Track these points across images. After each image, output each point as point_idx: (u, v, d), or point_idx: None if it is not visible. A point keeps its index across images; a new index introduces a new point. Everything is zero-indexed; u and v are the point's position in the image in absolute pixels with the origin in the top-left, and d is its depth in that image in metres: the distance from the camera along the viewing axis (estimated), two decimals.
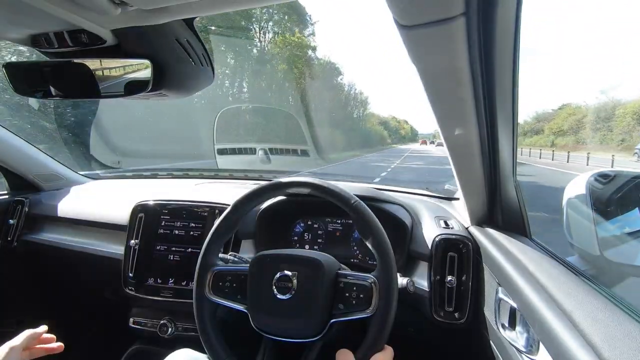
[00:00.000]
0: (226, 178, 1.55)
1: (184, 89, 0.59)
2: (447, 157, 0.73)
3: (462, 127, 0.60)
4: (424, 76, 0.49)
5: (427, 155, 25.42)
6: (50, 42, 0.50)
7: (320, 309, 0.66)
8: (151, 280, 1.07)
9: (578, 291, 0.51)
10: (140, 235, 1.09)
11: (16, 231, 1.30)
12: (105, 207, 1.24)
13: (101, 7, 0.41)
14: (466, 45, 0.42)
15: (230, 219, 0.77)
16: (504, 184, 0.74)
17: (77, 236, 1.25)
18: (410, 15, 0.37)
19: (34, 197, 1.37)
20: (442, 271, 0.85)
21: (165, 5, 0.43)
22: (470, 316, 0.82)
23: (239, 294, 0.72)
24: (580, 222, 0.77)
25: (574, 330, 0.43)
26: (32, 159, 1.37)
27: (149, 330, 1.12)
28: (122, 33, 0.49)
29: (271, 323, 0.68)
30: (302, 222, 1.13)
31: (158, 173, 1.68)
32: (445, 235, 0.88)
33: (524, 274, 0.61)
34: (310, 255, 0.70)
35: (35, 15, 0.44)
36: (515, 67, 0.51)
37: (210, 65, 0.60)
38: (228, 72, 16.18)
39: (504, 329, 0.65)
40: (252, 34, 22.63)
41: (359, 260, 1.06)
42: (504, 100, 0.56)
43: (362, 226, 0.70)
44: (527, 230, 0.79)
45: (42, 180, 1.42)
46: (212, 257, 0.76)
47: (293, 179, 0.76)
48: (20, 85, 0.57)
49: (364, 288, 0.66)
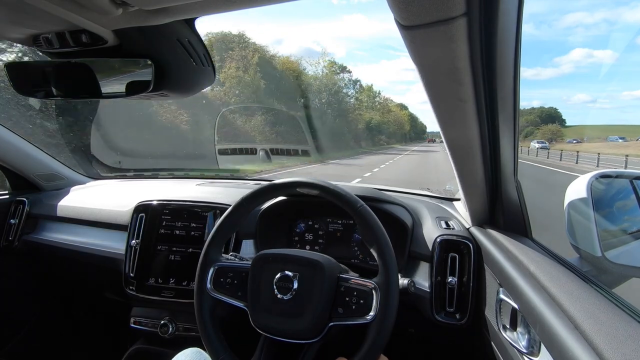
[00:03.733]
0: (227, 178, 1.55)
1: (186, 89, 0.59)
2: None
3: (463, 127, 0.60)
4: (425, 76, 0.48)
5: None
6: (51, 42, 0.50)
7: (320, 312, 0.66)
8: (152, 280, 1.07)
9: (579, 292, 0.51)
10: (141, 235, 1.09)
11: (17, 231, 1.31)
12: (107, 207, 1.24)
13: (102, 8, 0.41)
14: (467, 46, 0.42)
15: (235, 215, 0.77)
16: (505, 184, 0.74)
17: (78, 236, 1.25)
18: (411, 15, 0.37)
19: (35, 197, 1.37)
20: (443, 272, 0.85)
21: (167, 6, 0.43)
22: (471, 317, 0.82)
23: (239, 291, 0.72)
24: (581, 223, 0.77)
25: (575, 332, 0.43)
26: (33, 159, 1.37)
27: (150, 330, 1.12)
28: (123, 33, 0.49)
29: (270, 322, 0.68)
30: (302, 223, 1.13)
31: (159, 173, 1.68)
32: (446, 235, 0.88)
33: (525, 275, 0.61)
34: (312, 257, 0.70)
35: (37, 15, 0.44)
36: (516, 68, 0.51)
37: (211, 65, 0.60)
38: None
39: (505, 330, 0.65)
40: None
41: (360, 261, 1.06)
42: (505, 100, 0.56)
43: (367, 232, 0.70)
44: (528, 231, 0.79)
45: (43, 180, 1.42)
46: (215, 253, 0.76)
47: (301, 179, 0.76)
48: (21, 85, 0.57)
49: (365, 293, 0.66)
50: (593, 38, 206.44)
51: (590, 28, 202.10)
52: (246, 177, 1.55)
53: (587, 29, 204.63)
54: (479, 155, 0.68)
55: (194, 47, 0.55)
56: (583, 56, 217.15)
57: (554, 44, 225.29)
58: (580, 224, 0.77)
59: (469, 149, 0.66)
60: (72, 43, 0.50)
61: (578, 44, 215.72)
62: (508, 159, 0.69)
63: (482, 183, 0.76)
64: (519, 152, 0.71)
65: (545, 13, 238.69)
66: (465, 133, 0.61)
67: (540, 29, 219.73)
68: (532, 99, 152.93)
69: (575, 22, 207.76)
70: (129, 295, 1.08)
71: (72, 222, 1.28)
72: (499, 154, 0.67)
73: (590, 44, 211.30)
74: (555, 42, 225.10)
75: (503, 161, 0.69)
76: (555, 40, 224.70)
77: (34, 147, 1.37)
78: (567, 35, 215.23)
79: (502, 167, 0.71)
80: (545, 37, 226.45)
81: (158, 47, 0.52)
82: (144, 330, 1.13)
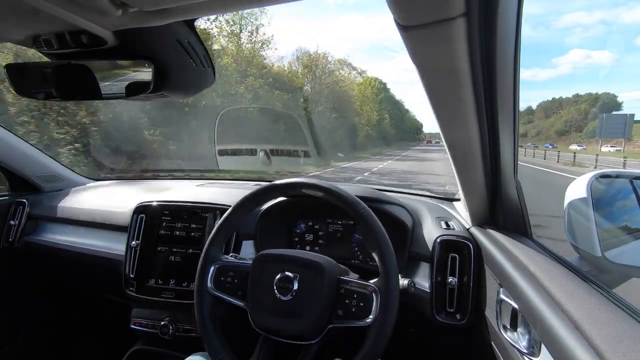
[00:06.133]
0: (227, 179, 1.55)
1: (185, 90, 0.59)
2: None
3: (462, 127, 0.60)
4: (425, 76, 0.48)
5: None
6: (51, 44, 0.50)
7: (319, 313, 0.66)
8: (152, 281, 1.07)
9: (580, 292, 0.51)
10: (141, 236, 1.09)
11: (17, 232, 1.31)
12: (107, 208, 1.24)
13: (102, 8, 0.41)
14: (467, 46, 0.42)
15: (236, 215, 0.78)
16: (505, 184, 0.74)
17: (78, 237, 1.25)
18: (410, 15, 0.37)
19: (35, 198, 1.37)
20: (443, 272, 0.85)
21: (166, 7, 0.43)
22: (471, 317, 0.82)
23: (239, 291, 0.72)
24: (581, 223, 0.77)
25: (576, 332, 0.43)
26: (33, 160, 1.37)
27: (150, 331, 1.12)
28: (123, 34, 0.49)
29: (270, 322, 0.68)
30: (302, 223, 1.13)
31: (159, 174, 1.68)
32: (446, 236, 0.88)
33: (525, 275, 0.61)
34: (313, 259, 0.70)
35: (36, 16, 0.44)
36: (516, 68, 0.51)
37: (211, 66, 0.60)
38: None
39: (506, 330, 0.65)
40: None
41: (360, 262, 1.06)
42: (505, 100, 0.56)
43: (368, 234, 0.70)
44: (528, 231, 0.79)
45: (43, 181, 1.42)
46: (216, 251, 0.76)
47: (303, 180, 0.77)
48: (21, 86, 0.57)
49: (365, 296, 0.66)
50: (592, 39, 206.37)
51: (589, 28, 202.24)
52: (247, 178, 1.55)
53: (585, 30, 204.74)
54: (479, 155, 0.68)
55: (193, 48, 0.55)
56: (582, 57, 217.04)
57: (551, 45, 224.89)
58: (580, 223, 0.77)
59: (469, 149, 0.66)
60: (72, 44, 0.50)
61: (575, 45, 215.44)
62: (508, 159, 0.69)
63: (482, 183, 0.76)
64: (518, 151, 0.71)
65: (542, 14, 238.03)
66: (465, 133, 0.61)
67: (537, 30, 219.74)
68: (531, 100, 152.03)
69: (573, 23, 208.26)
70: (129, 296, 1.08)
71: (73, 223, 1.28)
72: (499, 154, 0.67)
73: (588, 44, 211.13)
74: (553, 44, 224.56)
75: (503, 161, 0.69)
76: (553, 42, 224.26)
77: (33, 148, 1.37)
78: (565, 36, 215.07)
79: (502, 167, 0.71)
80: (542, 38, 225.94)
81: (158, 48, 0.52)
82: (144, 331, 1.13)
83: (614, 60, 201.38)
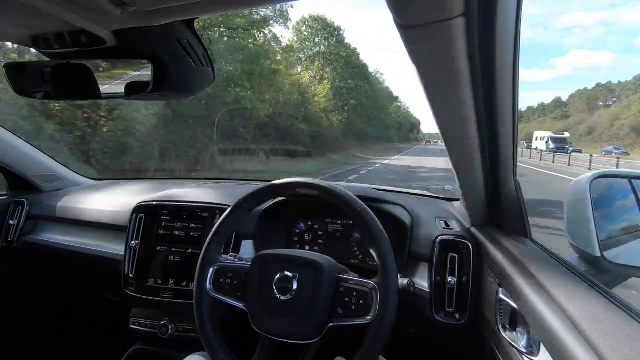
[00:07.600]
0: (227, 179, 1.55)
1: (185, 90, 0.59)
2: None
3: (462, 127, 0.60)
4: (424, 76, 0.48)
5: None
6: (50, 43, 0.50)
7: (319, 312, 0.66)
8: (151, 281, 1.07)
9: (579, 292, 0.51)
10: (141, 236, 1.09)
11: (16, 232, 1.30)
12: (106, 207, 1.24)
13: (102, 8, 0.41)
14: (466, 46, 0.42)
15: (235, 215, 0.77)
16: (504, 184, 0.74)
17: (77, 237, 1.25)
18: (409, 15, 0.37)
19: (34, 198, 1.37)
20: (443, 272, 0.85)
21: (166, 6, 0.43)
22: (470, 317, 0.82)
23: (239, 292, 0.72)
24: (580, 223, 0.77)
25: (575, 331, 0.43)
26: (32, 160, 1.37)
27: (149, 331, 1.12)
28: (122, 34, 0.49)
29: (270, 322, 0.68)
30: (302, 223, 1.13)
31: (158, 174, 1.68)
32: (445, 235, 0.88)
33: (524, 275, 0.61)
34: (312, 258, 0.70)
35: (36, 15, 0.44)
36: (515, 68, 0.51)
37: (210, 66, 0.60)
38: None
39: (505, 330, 0.65)
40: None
41: (359, 261, 1.06)
42: (504, 100, 0.56)
43: (367, 233, 0.70)
44: (527, 231, 0.79)
45: (42, 181, 1.42)
46: (215, 253, 0.76)
47: (301, 180, 0.77)
48: (20, 86, 0.57)
49: (364, 294, 0.66)
50: (591, 40, 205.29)
51: (588, 29, 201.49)
52: (246, 178, 1.55)
53: (585, 30, 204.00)
54: (478, 155, 0.68)
55: (193, 47, 0.55)
56: (581, 57, 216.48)
57: (550, 46, 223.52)
58: (580, 224, 0.77)
59: (468, 148, 0.66)
60: (71, 44, 0.50)
61: (575, 46, 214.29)
62: (507, 159, 0.69)
63: (481, 183, 0.76)
64: (517, 151, 0.71)
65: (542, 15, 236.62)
66: (464, 133, 0.61)
67: (535, 31, 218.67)
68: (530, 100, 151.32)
69: (572, 23, 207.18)
70: (128, 296, 1.08)
71: (72, 223, 1.28)
72: (498, 154, 0.67)
73: (588, 45, 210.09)
74: (551, 45, 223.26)
75: (502, 161, 0.69)
76: (552, 43, 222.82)
77: (33, 148, 1.37)
78: (564, 37, 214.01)
79: (501, 167, 0.71)
80: (541, 39, 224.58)
81: (157, 47, 0.51)
82: (143, 331, 1.13)
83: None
